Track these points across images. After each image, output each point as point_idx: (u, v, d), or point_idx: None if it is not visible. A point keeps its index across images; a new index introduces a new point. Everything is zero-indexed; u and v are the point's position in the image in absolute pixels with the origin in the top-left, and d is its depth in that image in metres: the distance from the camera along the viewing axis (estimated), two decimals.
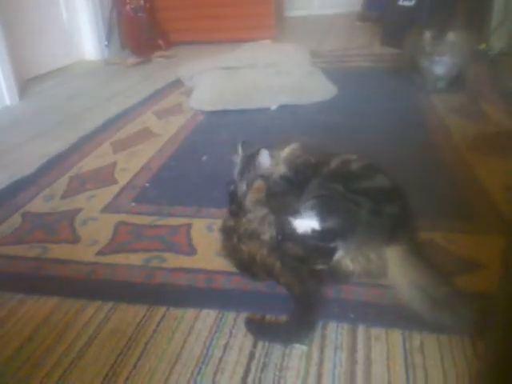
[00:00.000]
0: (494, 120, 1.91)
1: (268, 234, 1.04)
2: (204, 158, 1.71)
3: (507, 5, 2.77)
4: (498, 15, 2.81)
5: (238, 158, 1.27)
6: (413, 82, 2.37)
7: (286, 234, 1.03)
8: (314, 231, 1.01)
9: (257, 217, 1.07)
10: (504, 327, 0.62)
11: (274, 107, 2.22)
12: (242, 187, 1.19)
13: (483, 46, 2.85)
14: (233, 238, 1.08)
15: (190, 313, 0.95)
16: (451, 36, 2.16)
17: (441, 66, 2.21)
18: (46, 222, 1.33)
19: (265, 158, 1.16)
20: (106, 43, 3.74)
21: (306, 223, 1.02)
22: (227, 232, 1.12)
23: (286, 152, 1.20)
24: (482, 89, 2.27)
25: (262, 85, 2.27)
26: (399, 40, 3.16)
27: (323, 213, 1.01)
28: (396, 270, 0.93)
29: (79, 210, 1.39)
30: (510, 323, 0.61)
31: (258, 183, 1.14)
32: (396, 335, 0.87)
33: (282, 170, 1.16)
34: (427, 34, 2.22)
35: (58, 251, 1.19)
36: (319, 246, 1.00)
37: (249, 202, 1.13)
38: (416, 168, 1.49)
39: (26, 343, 0.91)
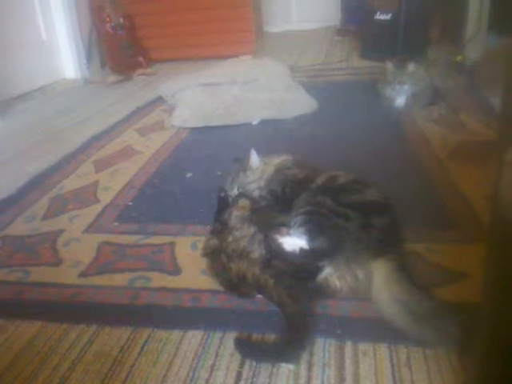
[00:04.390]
0: (473, 130, 1.94)
1: (258, 252, 1.02)
2: (188, 174, 1.70)
3: (480, 16, 2.84)
4: (472, 27, 2.88)
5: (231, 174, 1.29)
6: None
7: (274, 252, 1.02)
8: (302, 250, 1.00)
9: (246, 235, 1.05)
10: (488, 337, 0.62)
11: (255, 122, 2.24)
12: (234, 191, 1.19)
13: (459, 57, 2.91)
14: (220, 258, 1.05)
15: (176, 334, 0.94)
16: (412, 65, 2.22)
17: (403, 94, 2.26)
18: (26, 245, 1.31)
19: (254, 158, 1.17)
20: (86, 62, 3.72)
21: (293, 241, 1.01)
22: (212, 252, 1.10)
23: (277, 160, 1.22)
24: (459, 99, 2.31)
25: (243, 100, 2.28)
26: (378, 53, 3.23)
27: (312, 232, 1.00)
28: (379, 285, 0.93)
29: (61, 231, 1.37)
30: (493, 333, 0.61)
31: (243, 201, 1.14)
32: (383, 349, 0.87)
33: (270, 171, 1.16)
34: (389, 64, 2.29)
35: (40, 274, 1.17)
36: (306, 264, 1.00)
37: (234, 219, 1.12)
38: (396, 179, 1.50)
39: (7, 371, 0.89)
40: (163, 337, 0.94)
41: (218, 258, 1.07)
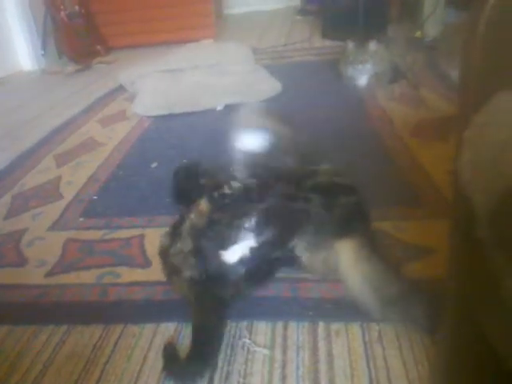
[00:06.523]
0: (433, 106, 1.97)
1: (188, 272, 0.95)
2: (153, 165, 1.67)
3: None
4: (429, 3, 2.90)
5: None
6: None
7: (212, 273, 0.95)
8: (252, 249, 0.94)
9: (182, 252, 0.98)
10: (455, 312, 0.64)
11: (220, 108, 2.21)
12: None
13: (418, 33, 2.94)
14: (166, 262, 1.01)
15: (149, 328, 0.93)
16: (373, 44, 2.22)
17: (365, 73, 2.26)
18: None
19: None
20: (42, 52, 3.59)
21: (238, 248, 0.95)
22: (162, 252, 1.04)
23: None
24: (420, 76, 2.34)
25: (206, 86, 2.25)
26: (339, 33, 3.23)
27: (259, 225, 0.95)
28: (348, 265, 0.93)
29: (24, 231, 1.33)
30: (460, 308, 0.63)
31: (202, 204, 1.08)
32: (355, 328, 0.88)
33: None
34: (350, 44, 2.29)
35: (4, 276, 1.14)
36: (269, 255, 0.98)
37: (186, 224, 1.02)
38: (360, 158, 1.50)
39: None
40: (136, 331, 0.93)
41: (164, 260, 1.03)
